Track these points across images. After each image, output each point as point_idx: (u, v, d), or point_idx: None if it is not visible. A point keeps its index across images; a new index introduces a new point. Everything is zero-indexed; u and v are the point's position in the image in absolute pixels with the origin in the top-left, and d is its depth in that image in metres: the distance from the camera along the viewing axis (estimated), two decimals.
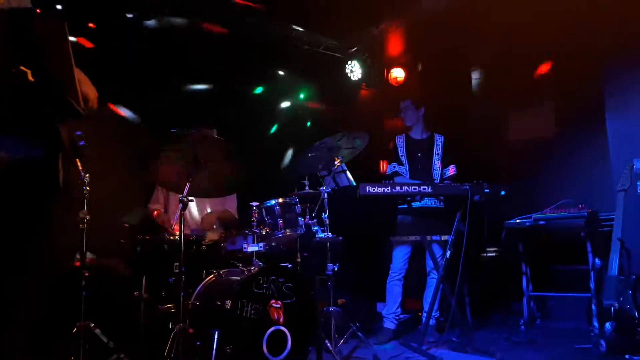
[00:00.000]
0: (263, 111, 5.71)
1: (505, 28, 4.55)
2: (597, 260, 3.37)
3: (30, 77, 1.50)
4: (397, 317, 4.07)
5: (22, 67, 1.49)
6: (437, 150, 4.24)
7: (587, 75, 4.48)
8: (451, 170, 4.22)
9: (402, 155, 4.23)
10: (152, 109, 4.53)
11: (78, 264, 3.13)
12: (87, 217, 3.14)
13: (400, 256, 4.07)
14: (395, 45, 6.00)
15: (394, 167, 4.22)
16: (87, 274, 3.11)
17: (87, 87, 1.74)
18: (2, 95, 1.50)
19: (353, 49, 5.94)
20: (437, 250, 3.97)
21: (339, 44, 5.92)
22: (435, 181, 4.13)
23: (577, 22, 4.33)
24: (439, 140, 4.28)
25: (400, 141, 4.31)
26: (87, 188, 3.15)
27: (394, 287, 4.07)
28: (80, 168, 1.71)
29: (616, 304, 3.08)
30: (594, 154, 4.52)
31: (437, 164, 4.20)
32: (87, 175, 3.13)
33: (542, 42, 4.69)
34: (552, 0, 4.23)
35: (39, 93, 1.54)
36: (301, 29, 5.45)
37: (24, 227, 1.67)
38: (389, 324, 4.06)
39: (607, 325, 3.07)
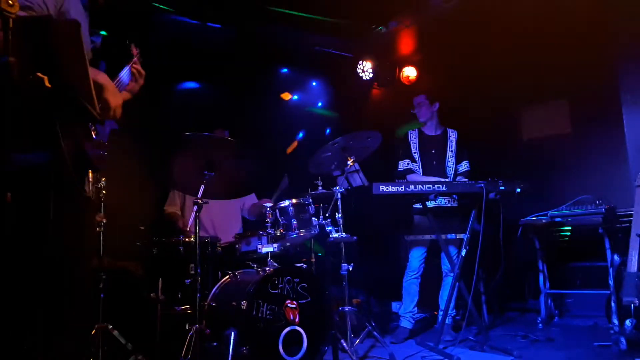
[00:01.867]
0: (276, 112, 5.73)
1: (517, 24, 4.50)
2: (616, 257, 3.32)
3: (47, 84, 1.52)
4: (414, 316, 4.06)
5: (38, 74, 1.52)
6: (451, 146, 4.19)
7: (603, 70, 4.41)
8: (464, 166, 4.18)
9: (414, 152, 4.20)
10: (167, 112, 4.58)
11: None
12: (104, 220, 3.19)
13: (417, 256, 4.06)
14: (406, 43, 5.98)
15: (407, 164, 4.18)
16: (104, 277, 3.16)
17: (110, 95, 1.77)
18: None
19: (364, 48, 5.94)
20: (452, 249, 3.95)
21: (350, 44, 5.92)
22: (449, 178, 4.10)
23: (591, 17, 4.27)
24: (452, 135, 4.24)
25: (412, 137, 4.26)
26: (104, 192, 3.19)
27: (411, 286, 4.06)
28: (90, 181, 1.74)
29: (636, 301, 3.03)
30: (611, 150, 4.46)
31: (450, 160, 4.17)
32: (104, 179, 3.18)
33: (556, 37, 4.63)
34: None
35: (56, 99, 1.56)
36: (313, 30, 5.45)
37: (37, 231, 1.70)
38: (406, 323, 4.05)
39: (628, 322, 3.02)
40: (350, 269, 3.56)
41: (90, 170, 1.67)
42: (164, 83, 4.65)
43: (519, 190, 3.49)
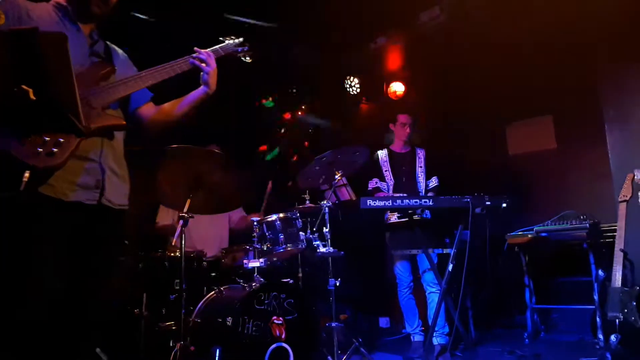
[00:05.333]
0: (264, 126, 5.74)
1: (503, 41, 4.59)
2: (600, 272, 3.35)
3: (32, 96, 1.51)
4: (422, 329, 4.06)
5: (24, 86, 1.50)
6: (420, 163, 4.28)
7: (586, 87, 4.50)
8: (434, 181, 4.26)
9: (386, 170, 4.25)
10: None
11: None
12: None
13: (405, 270, 4.06)
14: (393, 59, 6.04)
15: (375, 183, 4.24)
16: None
17: None
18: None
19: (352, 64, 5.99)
20: (423, 261, 3.95)
21: (338, 59, 5.96)
22: (420, 193, 4.17)
23: (575, 34, 4.36)
24: (420, 153, 4.32)
25: (382, 155, 4.31)
26: None
27: (409, 302, 4.07)
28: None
29: (621, 316, 3.06)
30: (595, 165, 4.53)
31: (420, 175, 4.23)
32: None
33: (541, 55, 4.73)
34: (548, 12, 4.27)
35: (41, 111, 1.55)
36: (301, 45, 5.49)
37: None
38: (419, 337, 4.04)
39: (613, 337, 3.04)
40: (338, 284, 3.54)
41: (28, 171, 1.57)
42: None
43: (504, 205, 3.51)
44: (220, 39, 2.27)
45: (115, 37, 2.09)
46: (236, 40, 2.29)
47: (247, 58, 2.36)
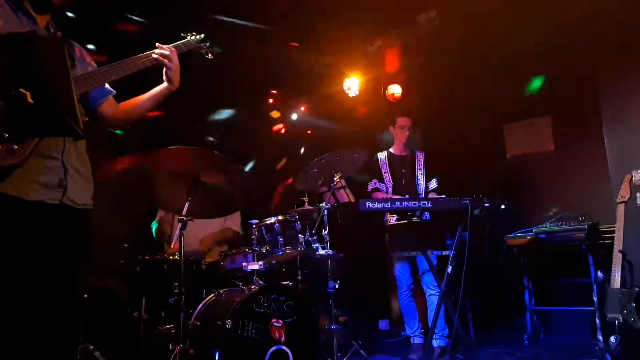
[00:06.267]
0: (262, 129, 5.74)
1: (500, 42, 4.60)
2: (599, 273, 3.35)
3: (29, 99, 1.50)
4: (421, 331, 4.06)
5: (21, 90, 1.50)
6: (419, 165, 4.31)
7: (584, 88, 4.52)
8: (434, 182, 4.29)
9: (385, 172, 4.27)
10: (150, 127, 4.54)
11: None
12: None
13: (405, 272, 4.07)
14: (391, 61, 6.04)
15: (375, 183, 4.27)
16: (86, 295, 3.08)
17: None
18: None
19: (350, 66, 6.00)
20: (423, 262, 3.95)
21: (337, 61, 5.97)
22: (420, 195, 4.19)
23: (573, 37, 4.38)
24: (419, 156, 4.35)
25: (382, 157, 4.35)
26: None
27: (409, 304, 4.08)
28: None
29: (620, 317, 3.06)
30: (593, 166, 4.53)
31: (420, 178, 4.26)
32: None
33: (539, 56, 4.74)
34: (547, 15, 4.28)
35: (38, 114, 1.54)
36: (299, 47, 5.49)
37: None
38: (419, 340, 4.04)
39: (612, 338, 3.04)
40: (337, 287, 3.53)
41: None
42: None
43: (503, 206, 3.51)
44: (182, 35, 2.25)
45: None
46: (198, 37, 2.28)
47: (210, 55, 2.32)
